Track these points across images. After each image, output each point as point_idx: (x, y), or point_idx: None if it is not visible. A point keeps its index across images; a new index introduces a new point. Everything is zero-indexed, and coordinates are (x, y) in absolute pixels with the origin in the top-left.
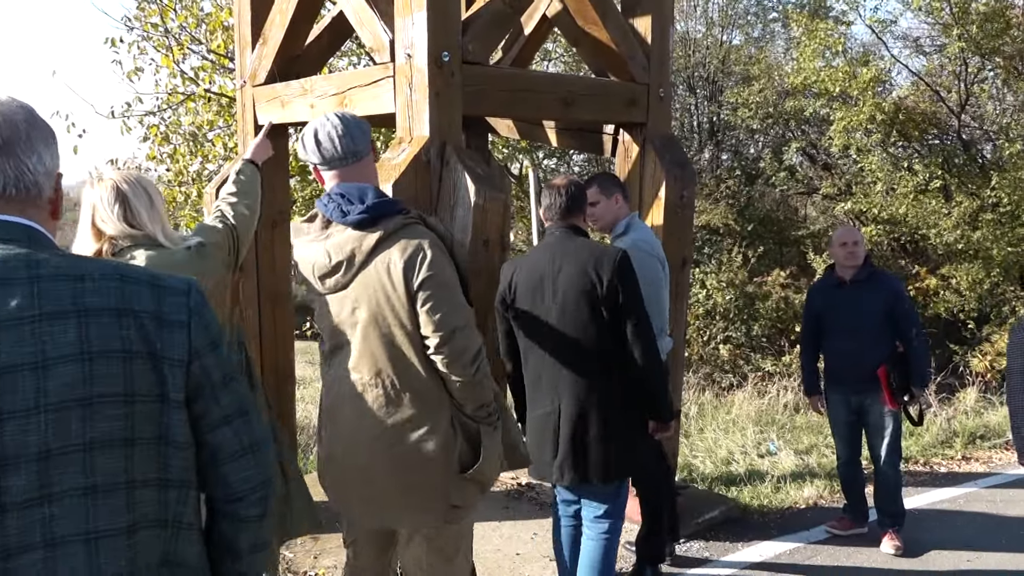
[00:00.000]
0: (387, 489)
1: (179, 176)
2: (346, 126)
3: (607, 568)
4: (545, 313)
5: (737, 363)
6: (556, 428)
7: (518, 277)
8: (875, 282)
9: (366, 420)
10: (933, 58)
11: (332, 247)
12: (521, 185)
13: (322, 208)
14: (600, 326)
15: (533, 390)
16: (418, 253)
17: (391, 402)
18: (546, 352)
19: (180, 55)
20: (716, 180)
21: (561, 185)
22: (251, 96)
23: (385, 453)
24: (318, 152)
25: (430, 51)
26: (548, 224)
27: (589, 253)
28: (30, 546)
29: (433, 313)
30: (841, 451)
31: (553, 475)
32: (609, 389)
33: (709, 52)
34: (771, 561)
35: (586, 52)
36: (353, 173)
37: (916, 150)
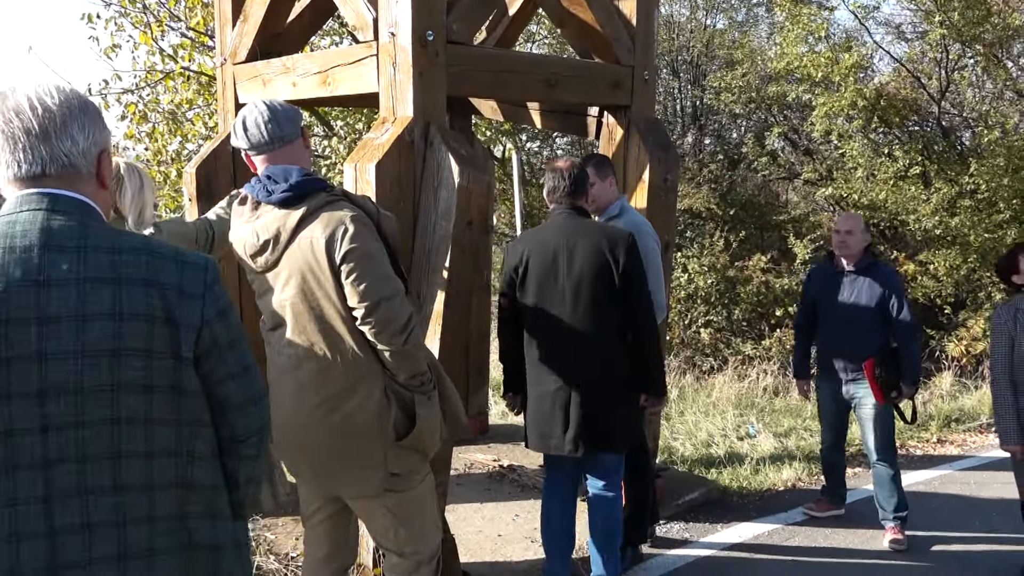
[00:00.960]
0: (326, 458)
1: (158, 156)
2: (272, 113)
3: (617, 536)
4: (559, 290)
5: (718, 347)
6: (567, 401)
7: (529, 254)
8: (872, 273)
9: (303, 393)
10: (915, 44)
11: (260, 227)
12: (504, 168)
13: (249, 190)
14: (612, 303)
15: (540, 366)
16: (339, 227)
17: (324, 374)
18: (558, 328)
19: (159, 32)
20: (699, 164)
21: (565, 167)
22: (231, 74)
23: (321, 423)
24: (246, 137)
25: (414, 30)
26: (553, 205)
27: (601, 233)
28: (65, 459)
29: (357, 284)
30: (826, 436)
31: (566, 447)
32: (618, 364)
33: (693, 36)
34: (750, 542)
35: (571, 33)
36: (280, 157)
37: (896, 136)
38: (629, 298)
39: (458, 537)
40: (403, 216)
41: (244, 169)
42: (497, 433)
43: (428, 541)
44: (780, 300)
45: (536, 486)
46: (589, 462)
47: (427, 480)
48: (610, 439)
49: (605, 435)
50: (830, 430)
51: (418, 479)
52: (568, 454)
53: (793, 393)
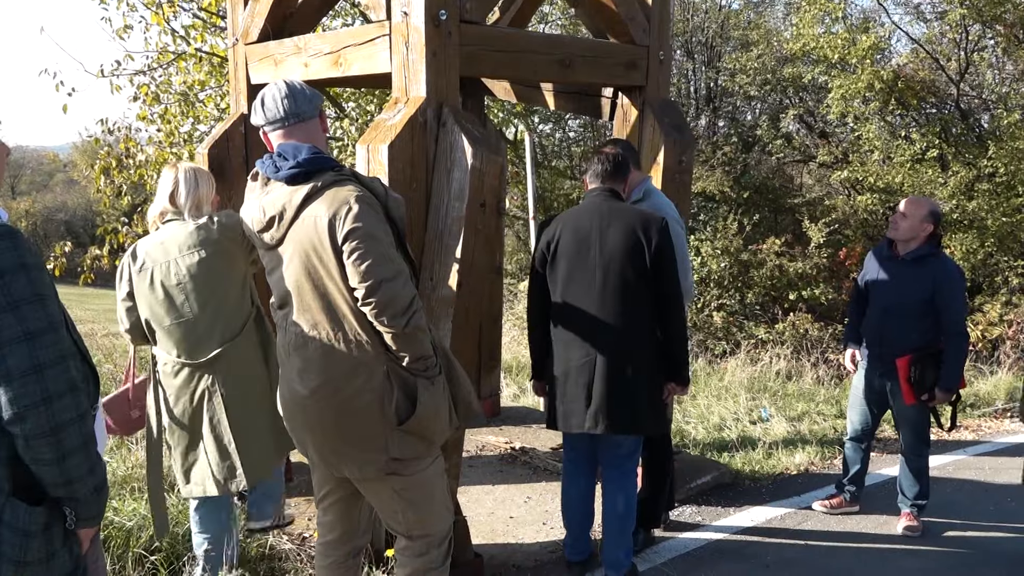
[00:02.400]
0: (329, 438)
1: (170, 137)
2: (291, 90)
3: (630, 520)
4: (590, 268)
5: (730, 330)
6: (590, 378)
7: (562, 233)
8: (926, 265)
9: (307, 372)
10: (934, 25)
11: (267, 202)
12: (516, 150)
13: (260, 166)
14: (641, 285)
15: (565, 343)
16: (343, 205)
17: (327, 354)
18: (586, 305)
19: (171, 13)
20: (712, 147)
21: (611, 152)
22: (243, 54)
23: (323, 403)
24: (263, 113)
25: (427, 9)
26: (592, 186)
27: (636, 216)
28: None
29: (359, 264)
30: (851, 427)
31: (586, 423)
32: (646, 346)
33: (708, 16)
34: (762, 526)
35: (585, 13)
36: (294, 134)
37: (914, 119)
38: (659, 282)
39: (470, 519)
40: (416, 197)
41: (257, 150)
42: (509, 415)
43: (438, 524)
44: (794, 284)
45: (548, 468)
46: (605, 444)
47: (435, 464)
48: (633, 420)
49: (629, 415)
50: (856, 421)
51: (425, 463)
52: (588, 431)
53: (806, 377)
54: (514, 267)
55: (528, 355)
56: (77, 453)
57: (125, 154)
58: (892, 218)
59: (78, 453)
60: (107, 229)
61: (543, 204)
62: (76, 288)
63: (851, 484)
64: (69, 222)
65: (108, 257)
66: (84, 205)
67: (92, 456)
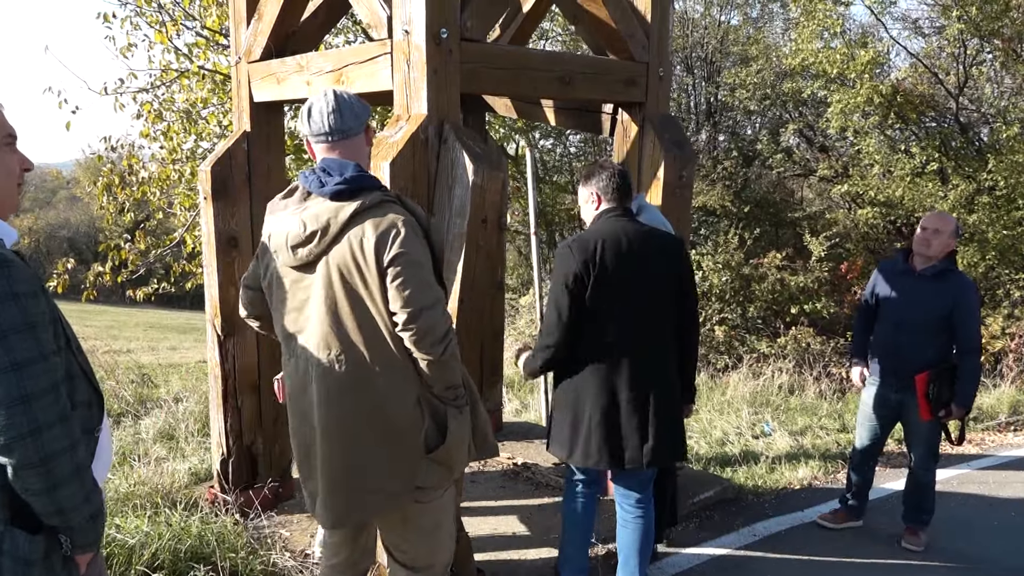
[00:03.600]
0: (346, 472)
1: (173, 154)
2: (339, 104)
3: (651, 545)
4: (635, 293)
5: (732, 344)
6: (645, 413)
7: (602, 258)
8: (945, 280)
9: (334, 399)
10: (932, 40)
11: (308, 217)
12: (517, 165)
13: (303, 180)
14: (673, 310)
15: (608, 375)
16: (391, 230)
17: (358, 380)
18: (632, 334)
19: (174, 31)
20: (713, 161)
21: (614, 165)
22: (246, 73)
23: (352, 430)
24: (307, 124)
25: (428, 27)
26: (607, 205)
27: (666, 239)
28: None
29: (402, 290)
30: (859, 442)
31: (644, 458)
32: (675, 371)
33: (707, 32)
34: (765, 541)
35: (585, 30)
36: (340, 149)
37: (913, 132)
38: (686, 303)
39: (472, 535)
40: None
41: (259, 168)
42: (511, 431)
43: (443, 554)
44: (795, 297)
45: (550, 484)
46: (629, 472)
47: (448, 493)
48: (680, 448)
49: (678, 445)
50: (865, 436)
51: (441, 493)
52: (646, 467)
53: (809, 391)
54: (516, 282)
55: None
56: (69, 483)
57: (128, 171)
58: (921, 236)
59: (70, 483)
60: (110, 246)
61: (544, 219)
62: (78, 305)
63: (855, 499)
64: (72, 239)
65: (110, 274)
66: (87, 222)
67: (87, 484)
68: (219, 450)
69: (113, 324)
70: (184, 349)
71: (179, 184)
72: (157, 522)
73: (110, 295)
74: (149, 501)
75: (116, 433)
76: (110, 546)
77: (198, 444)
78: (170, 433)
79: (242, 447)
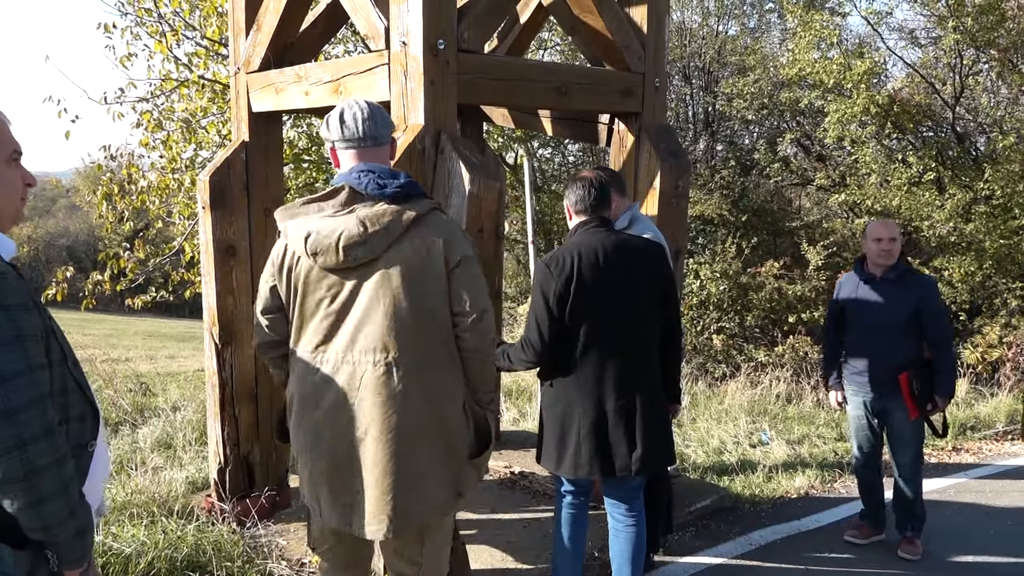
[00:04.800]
0: (411, 478)
1: (172, 163)
2: (372, 111)
3: (644, 554)
4: (616, 306)
5: (730, 353)
6: (632, 421)
7: (579, 272)
8: (907, 282)
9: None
10: (928, 50)
11: (367, 218)
12: (516, 174)
13: (354, 182)
14: (657, 317)
15: (594, 386)
16: (456, 232)
17: (418, 383)
18: (615, 345)
19: (174, 41)
20: (711, 170)
21: (592, 177)
22: (245, 83)
23: (412, 435)
24: (340, 130)
25: (425, 38)
26: (581, 217)
27: (647, 247)
28: None
29: (469, 292)
30: (859, 452)
31: (633, 466)
32: (660, 377)
33: (705, 42)
34: (762, 550)
35: (581, 41)
36: (371, 155)
37: (910, 142)
38: (669, 311)
39: (469, 543)
40: None
41: (257, 177)
42: (509, 439)
43: (444, 565)
44: (793, 306)
45: (547, 492)
46: (617, 480)
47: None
48: (668, 454)
49: (665, 451)
50: (860, 445)
51: (463, 502)
52: (635, 474)
53: (806, 400)
54: (514, 291)
55: (527, 377)
56: (55, 498)
57: (127, 180)
58: (882, 247)
59: (56, 498)
60: (109, 255)
61: (543, 228)
62: (77, 313)
63: (871, 510)
64: (71, 247)
65: (109, 282)
66: (86, 230)
67: (73, 499)
68: (216, 459)
69: (112, 332)
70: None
71: (178, 193)
72: (153, 531)
73: (109, 304)
74: (146, 510)
75: (114, 442)
76: (106, 555)
77: (196, 453)
78: (168, 442)
79: (239, 456)
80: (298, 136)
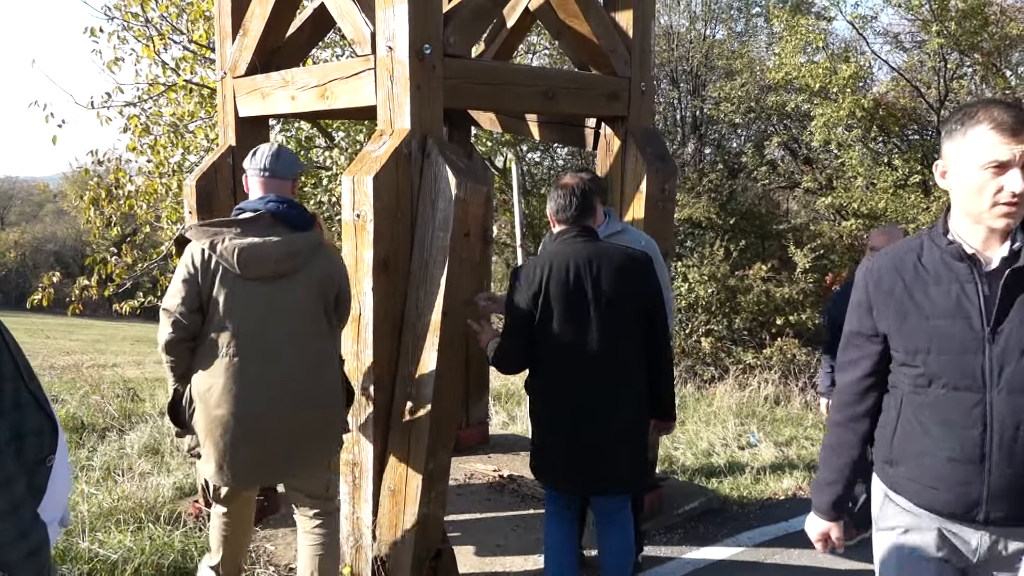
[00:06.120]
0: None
1: (160, 167)
2: (279, 152)
3: (632, 558)
4: (587, 319)
5: (719, 356)
6: (605, 439)
7: (549, 282)
8: None
9: (310, 375)
10: (913, 54)
11: (291, 240)
12: (505, 178)
13: (274, 208)
14: (636, 330)
15: (568, 401)
16: (338, 256)
17: (322, 362)
18: (586, 360)
19: (161, 45)
20: (699, 174)
21: (573, 184)
22: (231, 87)
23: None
24: (250, 161)
25: (411, 43)
26: (562, 226)
27: (625, 257)
28: None
29: (345, 306)
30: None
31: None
32: (643, 392)
33: (692, 46)
34: (750, 552)
35: (568, 45)
36: (274, 186)
37: (896, 145)
38: (653, 325)
39: (457, 547)
40: (401, 228)
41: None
42: (498, 443)
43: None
44: (781, 309)
45: (536, 496)
46: (604, 501)
47: None
48: (644, 471)
49: (641, 468)
50: None
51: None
52: (602, 492)
53: (794, 402)
54: (503, 294)
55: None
56: (4, 519)
57: (115, 185)
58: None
59: (6, 519)
60: (96, 259)
61: (531, 231)
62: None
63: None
64: (59, 252)
65: (97, 287)
66: (74, 235)
67: (23, 520)
68: None
69: (100, 338)
70: None
71: (166, 197)
72: (140, 537)
73: (97, 309)
74: (133, 516)
75: (101, 448)
76: (92, 561)
77: (183, 459)
78: (155, 448)
79: None
80: (286, 140)
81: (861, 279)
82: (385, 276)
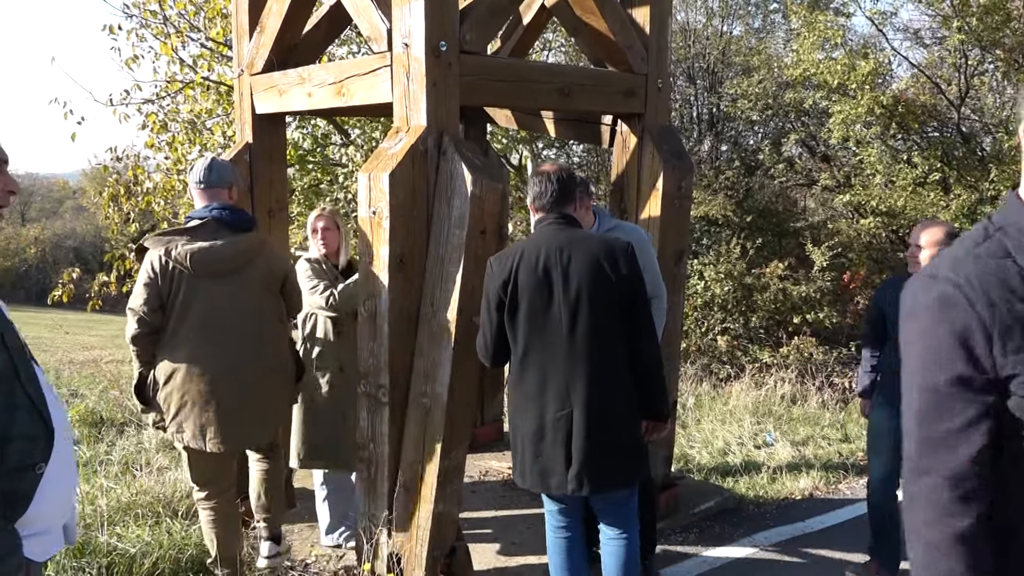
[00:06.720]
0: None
1: (177, 164)
2: (211, 164)
3: (636, 570)
4: (555, 310)
5: (735, 354)
6: (568, 435)
7: (518, 272)
8: None
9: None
10: (933, 50)
11: (236, 242)
12: (521, 175)
13: (219, 214)
14: (612, 321)
15: (535, 396)
16: (283, 254)
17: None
18: (556, 353)
19: (179, 43)
20: (715, 171)
21: (551, 171)
22: (248, 85)
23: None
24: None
25: (428, 40)
26: (540, 214)
27: (598, 244)
28: None
29: (294, 294)
30: (877, 470)
31: (569, 485)
32: (624, 389)
33: (709, 43)
34: (766, 551)
35: (584, 42)
36: (212, 195)
37: (915, 142)
38: (631, 315)
39: (472, 545)
40: (417, 225)
41: (261, 179)
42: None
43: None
44: (798, 307)
45: None
46: (598, 501)
47: None
48: (622, 473)
49: (616, 470)
50: (881, 463)
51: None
52: (572, 494)
53: (811, 401)
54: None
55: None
56: None
57: (133, 181)
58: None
59: None
60: (115, 255)
61: None
62: (84, 314)
63: (887, 546)
64: (78, 248)
65: (116, 283)
66: (93, 232)
67: None
68: None
69: (118, 333)
70: None
71: (184, 194)
72: (158, 531)
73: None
74: (151, 510)
75: (119, 443)
76: (111, 555)
77: None
78: (172, 443)
79: (243, 456)
80: (302, 138)
81: (951, 297)
82: (400, 273)
